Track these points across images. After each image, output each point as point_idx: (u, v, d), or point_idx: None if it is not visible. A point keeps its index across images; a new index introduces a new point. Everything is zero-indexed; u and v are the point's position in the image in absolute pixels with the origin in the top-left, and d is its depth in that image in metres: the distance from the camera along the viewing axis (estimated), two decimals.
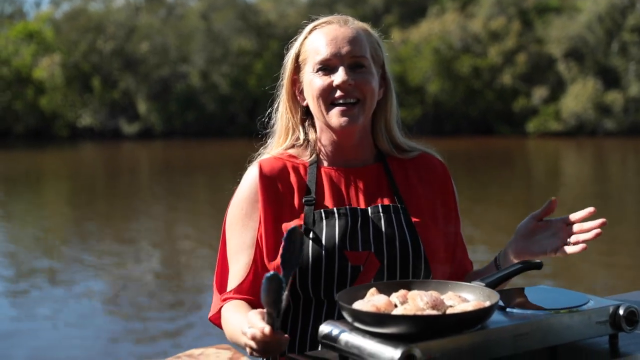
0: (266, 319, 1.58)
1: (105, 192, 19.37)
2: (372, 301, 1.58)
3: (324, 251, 1.92)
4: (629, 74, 38.91)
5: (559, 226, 1.93)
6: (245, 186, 2.06)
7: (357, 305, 1.58)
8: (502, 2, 42.96)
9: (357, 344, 1.52)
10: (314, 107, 2.02)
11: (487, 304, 1.56)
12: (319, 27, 2.06)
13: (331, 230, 1.95)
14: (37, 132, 45.62)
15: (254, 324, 1.61)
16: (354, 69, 2.00)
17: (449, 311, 1.55)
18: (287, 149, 2.11)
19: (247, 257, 2.01)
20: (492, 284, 1.73)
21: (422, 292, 1.60)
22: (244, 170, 2.13)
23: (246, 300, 1.98)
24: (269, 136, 2.18)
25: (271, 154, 2.11)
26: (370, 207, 2.00)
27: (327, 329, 1.60)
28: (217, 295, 2.09)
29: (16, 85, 46.54)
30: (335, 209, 1.98)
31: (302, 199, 2.00)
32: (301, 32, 2.09)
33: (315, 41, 2.03)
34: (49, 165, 28.46)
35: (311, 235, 1.94)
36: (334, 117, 1.98)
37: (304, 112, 2.12)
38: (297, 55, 2.07)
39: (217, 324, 2.06)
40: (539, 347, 1.60)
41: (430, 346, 1.48)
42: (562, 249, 1.89)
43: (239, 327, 1.77)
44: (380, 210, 2.00)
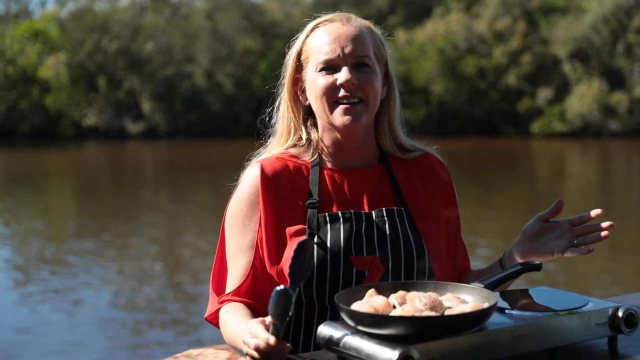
0: (271, 330, 1.55)
1: (109, 191, 19.39)
2: (370, 302, 1.58)
3: (329, 256, 1.91)
4: (634, 75, 38.84)
5: (565, 227, 1.93)
6: (245, 186, 2.03)
7: (356, 306, 1.58)
8: (507, 3, 42.91)
9: (355, 345, 1.52)
10: (317, 106, 2.00)
11: (486, 305, 1.56)
12: (322, 25, 2.03)
13: (336, 234, 1.93)
14: (42, 131, 45.70)
15: (257, 333, 1.57)
16: (358, 68, 1.97)
17: (448, 312, 1.55)
18: (288, 149, 2.08)
19: (246, 259, 1.98)
20: (491, 285, 1.73)
21: (420, 294, 1.59)
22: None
23: (244, 303, 1.96)
24: (270, 135, 2.14)
25: (272, 153, 2.08)
26: (374, 211, 1.99)
27: (325, 330, 1.60)
28: (213, 295, 2.07)
29: (21, 84, 46.62)
30: (340, 213, 1.96)
31: (305, 201, 1.98)
32: (303, 30, 2.06)
33: (317, 40, 2.00)
34: (54, 164, 28.51)
35: (316, 239, 1.92)
36: (338, 116, 1.96)
37: (306, 112, 2.09)
38: (299, 53, 2.05)
39: (215, 323, 2.04)
40: (538, 348, 1.60)
41: (428, 347, 1.48)
42: (569, 250, 1.89)
43: (238, 332, 1.76)
44: (384, 214, 1.98)
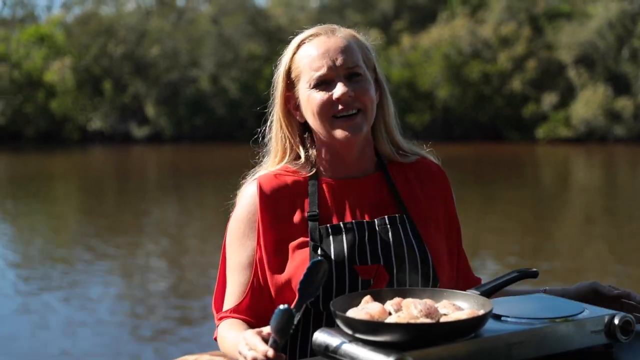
0: (270, 343, 1.55)
1: (113, 196, 19.42)
2: (366, 309, 1.58)
3: (334, 267, 1.91)
4: (639, 81, 38.78)
5: (614, 300, 1.96)
6: (243, 205, 2.03)
7: (351, 312, 1.58)
8: (512, 8, 42.91)
9: (351, 352, 1.53)
10: (315, 122, 2.00)
11: (481, 312, 1.56)
12: (307, 40, 2.02)
13: (339, 245, 1.94)
14: (48, 136, 45.80)
15: (255, 345, 1.57)
16: (351, 78, 1.97)
17: (443, 319, 1.55)
18: (285, 164, 2.08)
19: (245, 277, 1.99)
20: (487, 292, 1.73)
21: (416, 300, 1.60)
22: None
23: (243, 320, 1.96)
24: (264, 154, 2.13)
25: (268, 170, 2.07)
26: (377, 220, 1.99)
27: (321, 336, 1.60)
28: (216, 315, 2.06)
29: (27, 88, 46.75)
30: (341, 224, 1.97)
31: (305, 213, 1.98)
32: (288, 47, 2.05)
33: (306, 56, 1.99)
34: (59, 168, 28.55)
35: (319, 252, 1.92)
36: (339, 131, 1.96)
37: (301, 129, 2.08)
38: (288, 71, 2.03)
39: None
40: (534, 356, 1.60)
41: (423, 354, 1.48)
42: None
43: (235, 344, 1.74)
44: (387, 222, 1.98)
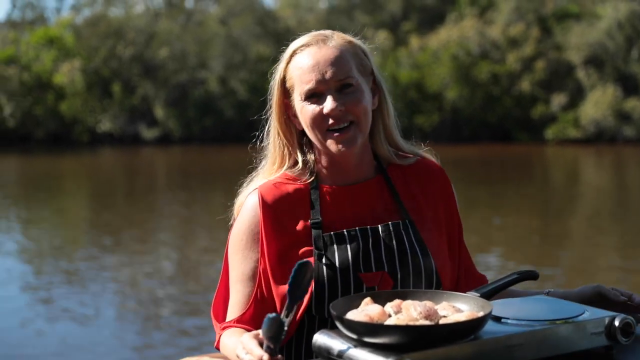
0: (265, 348, 1.56)
1: (122, 197, 19.47)
2: (365, 311, 1.58)
3: (338, 276, 1.91)
4: None
5: (620, 303, 1.96)
6: (245, 216, 2.02)
7: (351, 314, 1.58)
8: (521, 9, 42.82)
9: (350, 354, 1.53)
10: (310, 134, 2.00)
11: (481, 314, 1.56)
12: (299, 51, 2.00)
13: (343, 253, 1.94)
14: (57, 137, 46.00)
15: (251, 350, 1.57)
16: (342, 90, 1.95)
17: (442, 321, 1.55)
18: (284, 172, 2.07)
19: (248, 288, 1.99)
20: (487, 294, 1.73)
21: (416, 302, 1.60)
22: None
23: (247, 330, 1.95)
24: (261, 161, 2.12)
25: (268, 179, 2.06)
26: (380, 226, 1.98)
27: (321, 339, 1.61)
28: (216, 323, 2.06)
29: (37, 90, 46.95)
30: (345, 231, 1.96)
31: (308, 221, 1.98)
32: (282, 56, 2.04)
33: (297, 68, 1.98)
34: (69, 170, 28.65)
35: (324, 260, 1.92)
36: (332, 145, 1.96)
37: (300, 135, 2.07)
38: (283, 80, 2.03)
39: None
40: (534, 358, 1.59)
41: (422, 356, 1.48)
42: None
43: (234, 349, 1.74)
44: (390, 228, 1.98)
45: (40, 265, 10.52)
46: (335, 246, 1.94)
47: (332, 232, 1.96)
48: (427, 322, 1.54)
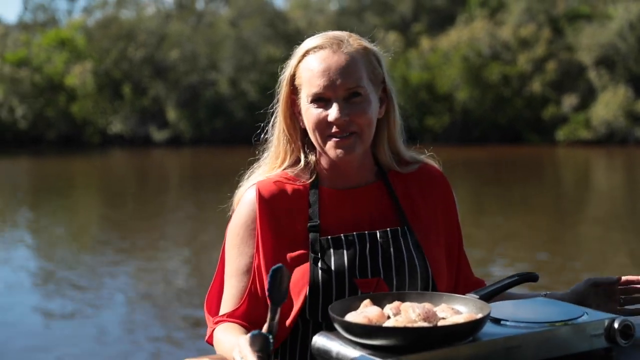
0: (257, 356, 1.54)
1: (133, 198, 19.53)
2: (364, 313, 1.59)
3: (334, 280, 1.91)
4: None
5: (613, 289, 1.98)
6: (242, 210, 2.02)
7: (350, 316, 1.58)
8: (532, 9, 42.72)
9: (348, 356, 1.53)
10: (311, 136, 1.99)
11: (479, 316, 1.56)
12: (312, 52, 1.97)
13: (340, 258, 1.93)
14: (68, 139, 46.21)
15: (245, 356, 1.56)
16: (349, 99, 1.93)
17: (441, 323, 1.56)
18: (284, 170, 2.06)
19: (242, 283, 1.99)
20: (486, 296, 1.73)
21: (414, 304, 1.60)
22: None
23: (239, 325, 1.96)
24: (263, 154, 2.12)
25: (267, 176, 2.06)
26: (379, 232, 1.97)
27: (319, 340, 1.61)
28: (209, 317, 2.07)
29: (48, 92, 47.18)
30: (342, 236, 1.95)
31: (305, 224, 1.97)
32: (294, 53, 2.02)
33: (308, 69, 1.96)
34: (80, 172, 28.76)
35: (320, 264, 1.91)
36: (331, 150, 1.95)
37: (303, 133, 2.06)
38: (293, 77, 2.01)
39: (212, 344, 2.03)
40: None
41: (421, 358, 1.49)
42: (616, 310, 1.98)
43: (231, 349, 1.74)
44: (389, 235, 1.97)
45: (51, 264, 10.59)
46: (331, 250, 1.93)
47: (329, 236, 1.95)
48: (425, 324, 1.54)
